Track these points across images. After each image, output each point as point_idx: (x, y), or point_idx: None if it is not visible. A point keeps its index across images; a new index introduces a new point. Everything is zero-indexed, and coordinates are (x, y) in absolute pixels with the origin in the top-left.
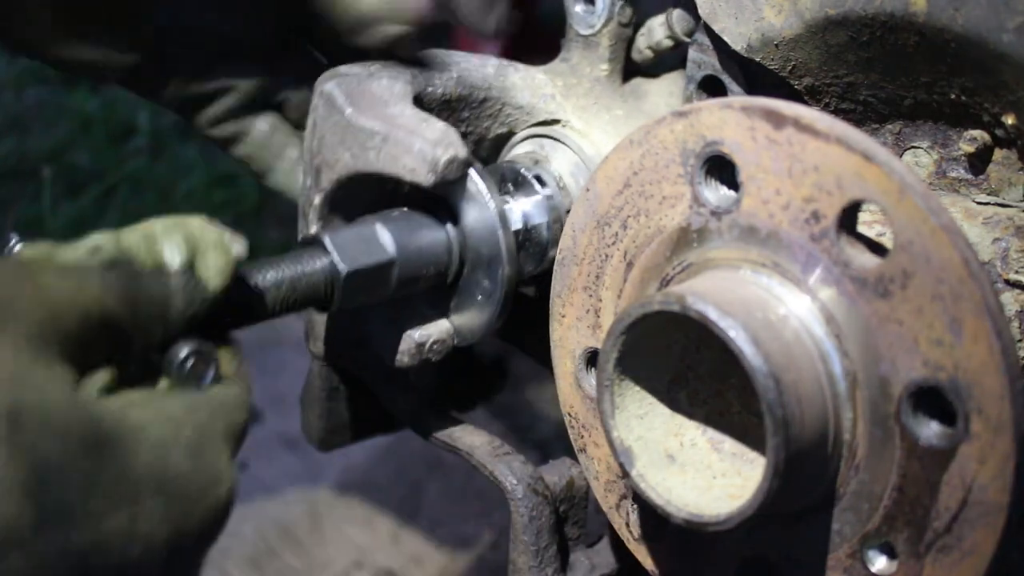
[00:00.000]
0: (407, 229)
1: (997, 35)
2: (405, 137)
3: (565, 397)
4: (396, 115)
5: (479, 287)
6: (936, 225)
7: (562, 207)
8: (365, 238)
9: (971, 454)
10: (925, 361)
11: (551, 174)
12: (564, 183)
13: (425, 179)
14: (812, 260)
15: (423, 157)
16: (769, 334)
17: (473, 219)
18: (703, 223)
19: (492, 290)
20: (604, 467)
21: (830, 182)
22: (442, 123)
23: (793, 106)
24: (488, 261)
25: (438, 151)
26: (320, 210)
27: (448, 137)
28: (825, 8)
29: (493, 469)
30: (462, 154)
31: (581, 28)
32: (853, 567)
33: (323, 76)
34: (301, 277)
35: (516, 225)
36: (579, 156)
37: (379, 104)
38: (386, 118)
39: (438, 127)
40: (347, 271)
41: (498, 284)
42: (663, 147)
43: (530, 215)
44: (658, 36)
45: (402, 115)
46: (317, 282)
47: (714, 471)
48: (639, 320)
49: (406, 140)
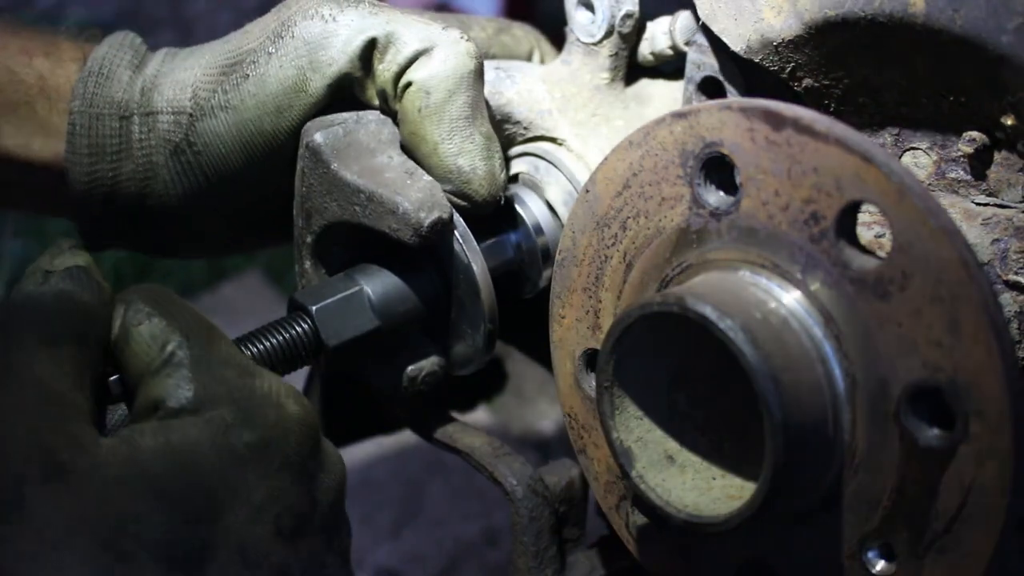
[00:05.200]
0: (391, 287)
1: (996, 36)
2: (390, 197)
3: (565, 398)
4: (382, 167)
5: (465, 324)
6: (935, 226)
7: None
8: (350, 307)
9: (970, 455)
10: (924, 362)
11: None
12: (558, 211)
13: (410, 241)
14: (811, 261)
15: (407, 220)
16: (768, 335)
17: (455, 267)
18: (702, 224)
19: (476, 327)
20: (604, 468)
21: (829, 183)
22: (427, 178)
23: (792, 107)
24: (470, 305)
25: (422, 215)
26: (312, 248)
27: (432, 197)
28: (824, 9)
29: (493, 469)
30: (446, 215)
31: (582, 35)
32: (852, 568)
33: (309, 125)
34: (288, 348)
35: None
36: (572, 184)
37: (365, 155)
38: (372, 171)
39: (422, 184)
40: (333, 346)
41: (480, 325)
42: (662, 148)
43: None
44: (661, 44)
45: (388, 167)
46: (301, 351)
47: (714, 471)
48: (638, 321)
49: (390, 201)
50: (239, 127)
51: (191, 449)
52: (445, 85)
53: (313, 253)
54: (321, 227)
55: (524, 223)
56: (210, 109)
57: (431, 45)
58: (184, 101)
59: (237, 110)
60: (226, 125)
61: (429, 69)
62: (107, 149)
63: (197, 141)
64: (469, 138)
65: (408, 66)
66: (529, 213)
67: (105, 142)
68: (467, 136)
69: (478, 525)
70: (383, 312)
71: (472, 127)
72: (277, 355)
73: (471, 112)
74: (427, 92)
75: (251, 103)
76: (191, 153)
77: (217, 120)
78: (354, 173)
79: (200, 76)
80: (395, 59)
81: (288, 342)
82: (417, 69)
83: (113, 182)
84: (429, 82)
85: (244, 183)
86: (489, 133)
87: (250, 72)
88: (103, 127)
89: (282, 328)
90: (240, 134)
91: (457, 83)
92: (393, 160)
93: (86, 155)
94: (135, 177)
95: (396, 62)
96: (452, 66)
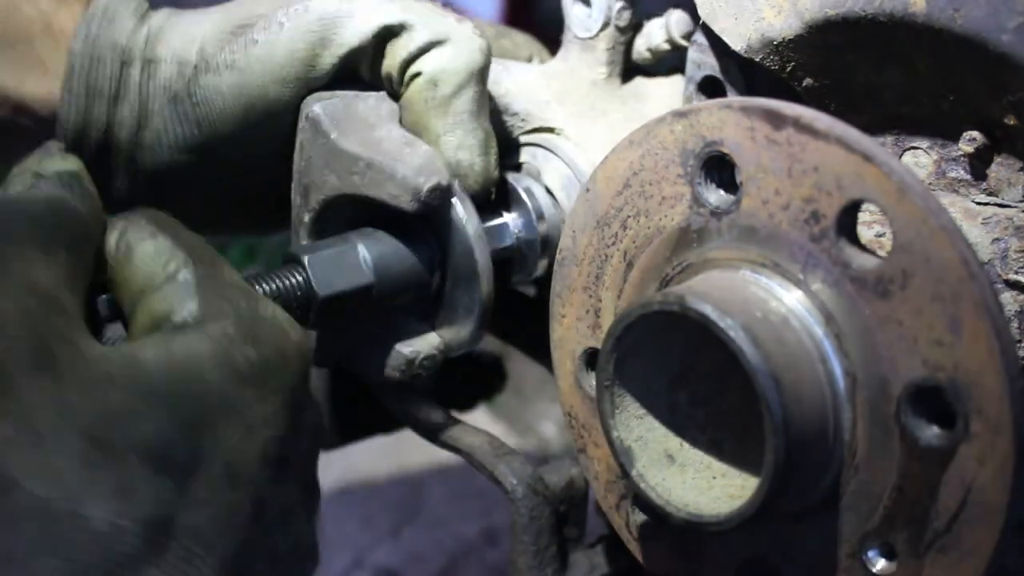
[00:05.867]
0: (388, 249)
1: (997, 35)
2: (388, 164)
3: (565, 397)
4: (381, 138)
5: (460, 302)
6: (936, 225)
7: (553, 221)
8: (344, 260)
9: (971, 454)
10: (925, 361)
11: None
12: (556, 197)
13: (408, 206)
14: (812, 260)
15: (406, 185)
16: (769, 334)
17: (453, 238)
18: (703, 223)
19: (471, 306)
20: (604, 467)
21: (830, 182)
22: (426, 147)
23: (793, 106)
24: (467, 279)
25: (420, 179)
26: (310, 227)
27: (431, 164)
28: (824, 9)
29: (493, 469)
30: (445, 181)
31: (578, 31)
32: (853, 567)
33: (309, 98)
34: (277, 297)
35: (508, 241)
36: (571, 170)
37: (364, 127)
38: (371, 142)
39: (422, 152)
40: (323, 295)
41: (476, 301)
42: (663, 147)
43: (522, 230)
44: (656, 40)
45: (387, 138)
46: (292, 302)
47: (714, 471)
48: (639, 320)
49: (389, 167)
50: (241, 88)
51: (191, 359)
52: (454, 79)
53: (311, 233)
54: (320, 203)
55: (526, 209)
56: (215, 65)
57: (444, 38)
58: (190, 53)
59: (243, 72)
60: (229, 84)
61: (440, 62)
62: (104, 92)
63: (197, 93)
64: (471, 132)
65: (419, 56)
66: (533, 200)
67: (103, 84)
68: (469, 131)
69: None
70: (378, 270)
71: (475, 122)
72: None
73: (476, 108)
74: (435, 84)
75: (257, 68)
76: (189, 104)
77: (221, 77)
78: (353, 143)
79: (209, 31)
80: (407, 47)
81: (278, 291)
82: (427, 60)
83: (106, 126)
84: (439, 75)
85: (236, 145)
86: (489, 130)
87: (260, 38)
88: (103, 69)
89: (274, 277)
90: (241, 95)
91: (466, 78)
92: (392, 133)
93: (83, 96)
94: (129, 122)
95: (407, 49)
96: (463, 61)
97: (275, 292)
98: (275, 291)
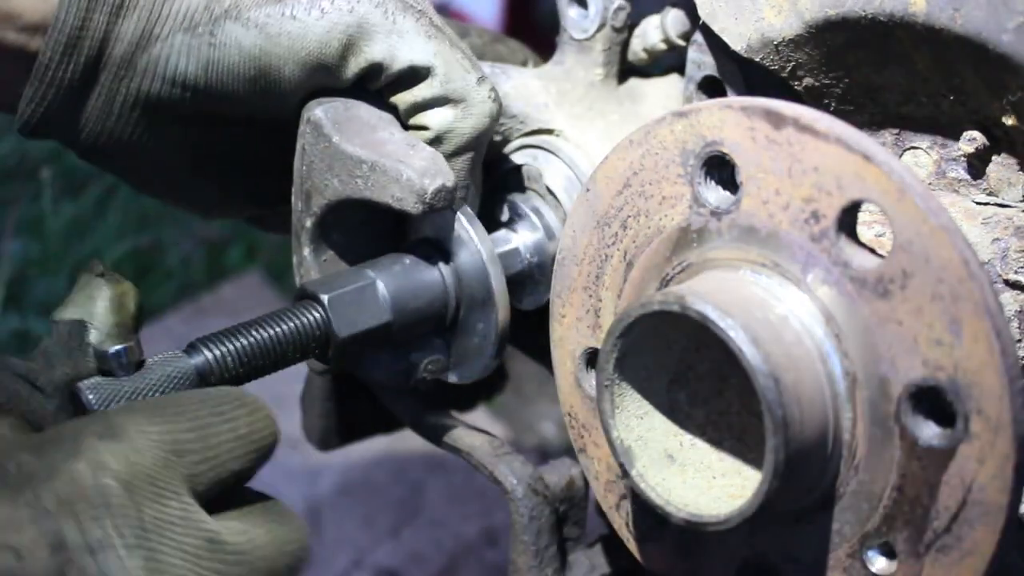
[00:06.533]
0: (405, 283)
1: (997, 36)
2: (392, 166)
3: (565, 397)
4: (384, 140)
5: (475, 330)
6: (935, 225)
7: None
8: (363, 298)
9: (971, 454)
10: (925, 361)
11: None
12: (559, 198)
13: (413, 208)
14: (812, 260)
15: (411, 187)
16: (769, 334)
17: (464, 261)
18: (703, 223)
19: (487, 332)
20: (604, 467)
21: (830, 182)
22: (429, 149)
23: (793, 106)
24: (482, 303)
25: (425, 181)
26: (312, 232)
27: (436, 165)
28: (825, 9)
29: (493, 469)
30: (450, 182)
31: (575, 32)
32: (853, 567)
33: (311, 103)
34: (298, 337)
35: (520, 265)
36: (572, 170)
37: (366, 130)
38: (374, 144)
39: (425, 154)
40: (343, 336)
41: (492, 326)
42: (663, 147)
43: (534, 250)
44: (652, 39)
45: (390, 140)
46: (311, 341)
47: (714, 471)
48: (639, 320)
49: (393, 169)
50: (262, 54)
51: None
52: (457, 141)
53: (313, 239)
54: (322, 208)
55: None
56: (246, 19)
57: (459, 98)
58: None
59: (270, 39)
60: (251, 43)
61: (448, 122)
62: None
63: (218, 34)
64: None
65: (430, 106)
66: (542, 219)
67: None
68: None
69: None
70: (396, 307)
71: (468, 178)
72: (287, 343)
73: (471, 167)
74: (439, 141)
75: (285, 43)
76: (207, 41)
77: (247, 32)
78: (356, 145)
79: None
80: (421, 93)
81: (297, 330)
82: (436, 116)
83: (102, 39)
84: (444, 133)
85: (232, 106)
86: (480, 184)
87: (299, 15)
88: None
89: (292, 315)
90: (259, 60)
91: (469, 143)
92: (395, 135)
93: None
94: (129, 38)
95: (421, 96)
96: (471, 125)
97: (294, 332)
98: (294, 330)
